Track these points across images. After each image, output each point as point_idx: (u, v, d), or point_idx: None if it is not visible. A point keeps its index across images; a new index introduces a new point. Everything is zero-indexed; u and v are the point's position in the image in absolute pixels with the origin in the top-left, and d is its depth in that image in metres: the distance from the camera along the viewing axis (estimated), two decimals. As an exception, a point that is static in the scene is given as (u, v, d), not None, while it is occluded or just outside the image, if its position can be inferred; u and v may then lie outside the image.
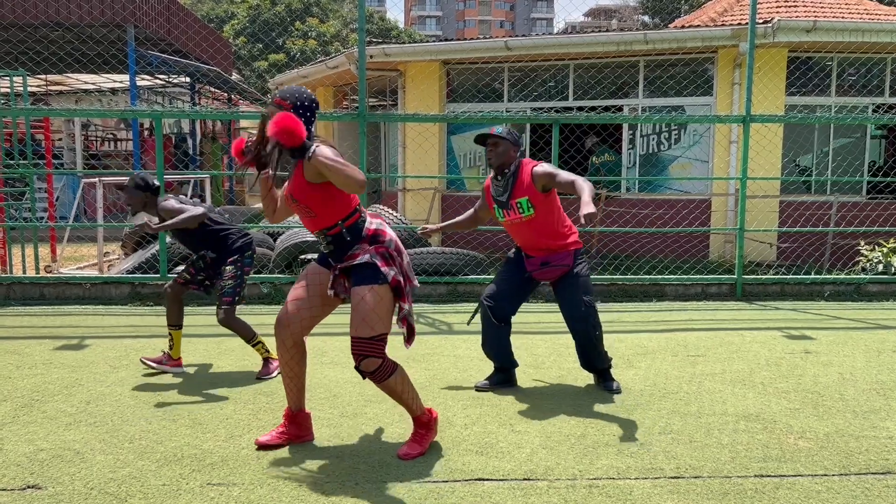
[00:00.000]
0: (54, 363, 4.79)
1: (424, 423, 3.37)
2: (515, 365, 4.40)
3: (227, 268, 4.50)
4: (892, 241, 8.15)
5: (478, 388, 4.26)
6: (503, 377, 4.36)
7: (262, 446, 3.34)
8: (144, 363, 4.56)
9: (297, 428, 3.43)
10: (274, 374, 4.51)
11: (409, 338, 3.29)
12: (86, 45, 14.33)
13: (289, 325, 3.23)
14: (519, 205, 4.03)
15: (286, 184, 3.25)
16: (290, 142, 2.97)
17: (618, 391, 4.25)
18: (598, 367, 4.31)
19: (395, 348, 4.81)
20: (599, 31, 11.07)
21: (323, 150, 2.96)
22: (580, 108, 10.63)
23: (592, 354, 4.23)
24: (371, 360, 3.13)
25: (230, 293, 4.46)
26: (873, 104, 10.28)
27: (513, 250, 4.33)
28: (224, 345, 5.32)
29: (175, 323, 4.59)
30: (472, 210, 4.41)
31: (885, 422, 3.80)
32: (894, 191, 10.58)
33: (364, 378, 3.19)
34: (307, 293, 3.26)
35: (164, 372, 4.56)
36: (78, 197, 9.71)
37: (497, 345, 4.28)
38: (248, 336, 4.53)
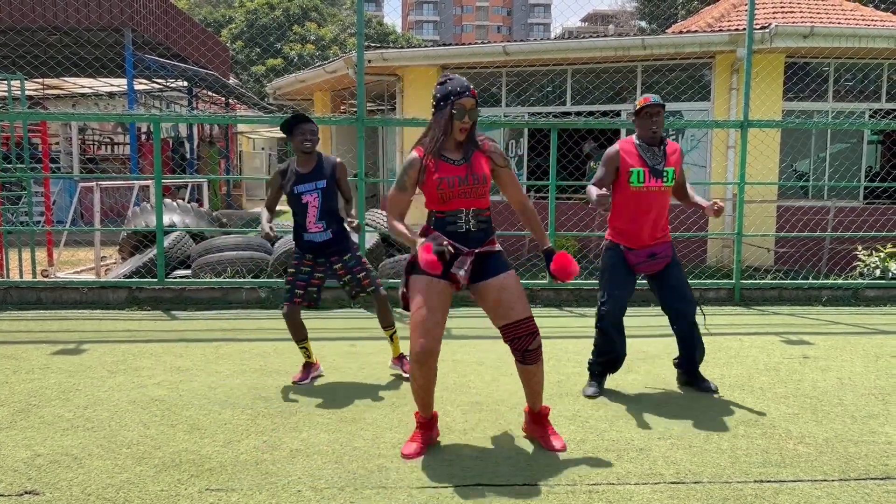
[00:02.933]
0: (51, 368, 4.77)
1: (547, 413, 3.54)
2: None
3: (351, 264, 4.50)
4: (889, 246, 8.17)
5: (590, 396, 4.25)
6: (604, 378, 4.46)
7: (410, 458, 3.31)
8: (298, 384, 4.47)
9: (432, 430, 3.48)
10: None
11: None
12: (83, 49, 14.34)
13: (434, 352, 3.26)
14: (666, 173, 4.18)
15: (435, 172, 3.28)
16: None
17: (716, 391, 4.33)
18: (697, 361, 4.36)
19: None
20: (598, 37, 11.09)
21: None
22: (578, 113, 10.65)
23: (697, 342, 4.29)
24: (539, 337, 3.33)
25: (370, 275, 4.55)
26: (870, 109, 10.32)
27: (612, 250, 4.26)
28: (222, 349, 5.30)
29: (304, 337, 4.53)
30: (593, 187, 4.22)
31: (884, 427, 3.80)
32: (891, 196, 10.61)
33: (525, 362, 3.33)
34: (439, 314, 3.26)
35: (319, 376, 4.60)
36: (75, 201, 9.71)
37: (623, 347, 4.31)
38: (388, 323, 4.59)
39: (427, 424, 3.46)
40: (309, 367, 4.58)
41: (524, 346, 3.32)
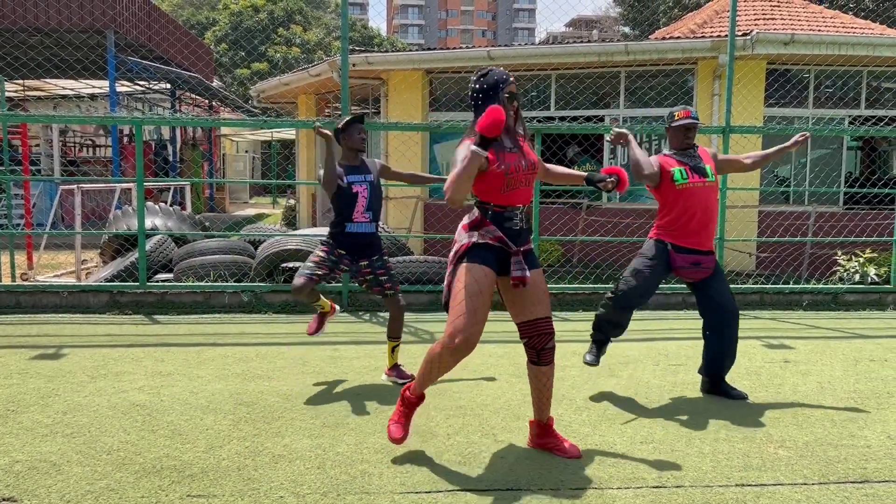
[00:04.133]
0: (30, 373, 4.72)
1: (553, 423, 3.56)
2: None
3: (377, 265, 4.56)
4: (868, 251, 8.27)
5: (589, 363, 4.47)
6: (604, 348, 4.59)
7: (399, 441, 3.38)
8: (313, 335, 4.66)
9: (415, 410, 3.48)
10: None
11: None
12: (65, 51, 14.21)
13: (474, 345, 3.23)
14: (707, 170, 4.33)
15: (497, 159, 3.21)
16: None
17: (747, 398, 4.36)
18: (726, 370, 4.41)
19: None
20: (581, 42, 11.14)
21: None
22: (562, 118, 10.69)
23: (732, 352, 4.35)
24: (554, 339, 3.38)
25: (393, 279, 4.61)
26: (850, 116, 10.44)
27: (658, 244, 4.32)
28: (203, 354, 5.27)
29: (317, 298, 4.64)
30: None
31: (862, 430, 3.85)
32: (870, 201, 10.74)
33: (540, 362, 3.35)
34: (487, 307, 3.24)
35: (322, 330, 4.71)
36: (55, 204, 9.61)
37: (625, 325, 4.44)
38: (397, 334, 4.62)
39: (416, 403, 3.45)
40: (323, 316, 4.68)
41: (541, 343, 3.33)
